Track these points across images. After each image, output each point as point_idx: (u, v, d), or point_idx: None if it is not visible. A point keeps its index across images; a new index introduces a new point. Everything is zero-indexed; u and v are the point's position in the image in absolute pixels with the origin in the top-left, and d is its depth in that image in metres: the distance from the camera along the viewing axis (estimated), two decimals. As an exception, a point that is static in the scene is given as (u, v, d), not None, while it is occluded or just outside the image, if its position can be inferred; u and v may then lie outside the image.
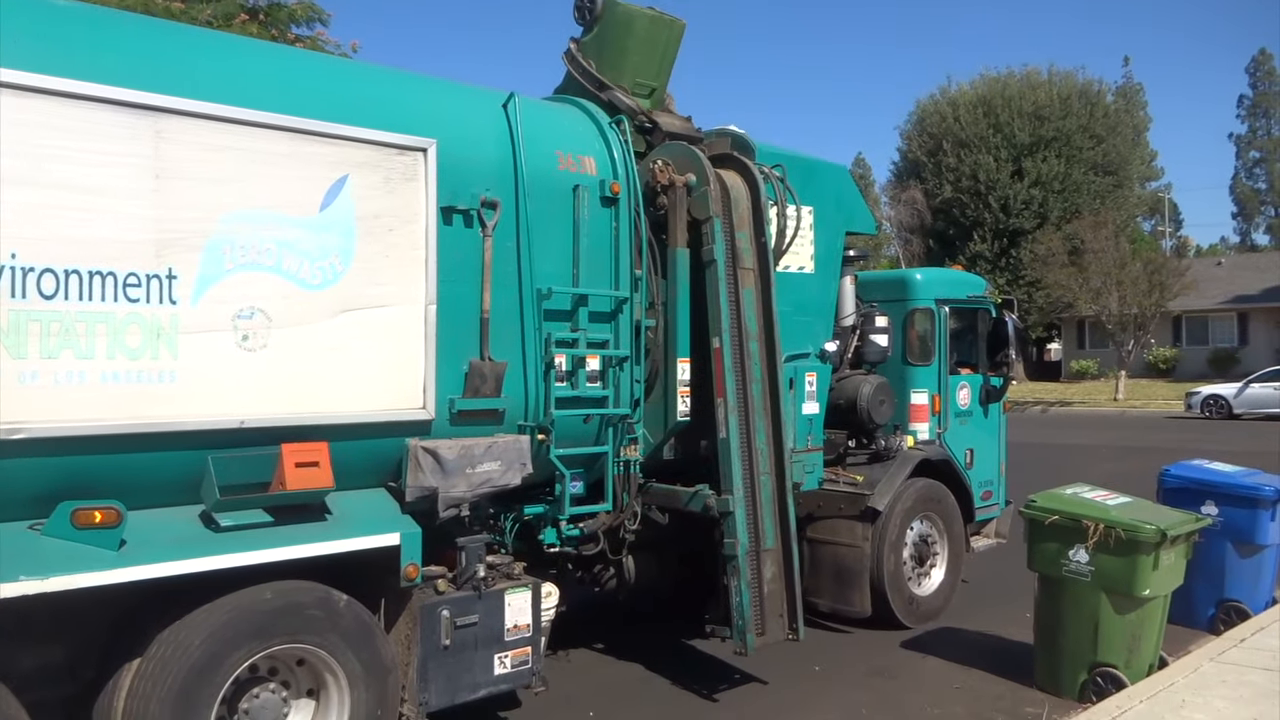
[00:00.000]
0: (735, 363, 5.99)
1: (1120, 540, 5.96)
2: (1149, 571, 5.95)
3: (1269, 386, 29.34)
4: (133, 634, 4.18)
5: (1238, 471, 7.81)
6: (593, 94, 6.29)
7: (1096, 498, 6.41)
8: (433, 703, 4.86)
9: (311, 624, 4.43)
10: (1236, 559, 7.51)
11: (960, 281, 8.72)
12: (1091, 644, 6.09)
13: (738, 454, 5.85)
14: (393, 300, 4.83)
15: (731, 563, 5.77)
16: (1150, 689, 5.81)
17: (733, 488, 5.79)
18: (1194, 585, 7.11)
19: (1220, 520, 7.34)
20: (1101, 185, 44.61)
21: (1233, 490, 7.50)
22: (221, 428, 4.27)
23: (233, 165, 4.34)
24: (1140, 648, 6.14)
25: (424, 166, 4.93)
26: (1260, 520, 7.40)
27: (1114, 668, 6.05)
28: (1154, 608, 6.17)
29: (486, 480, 5.03)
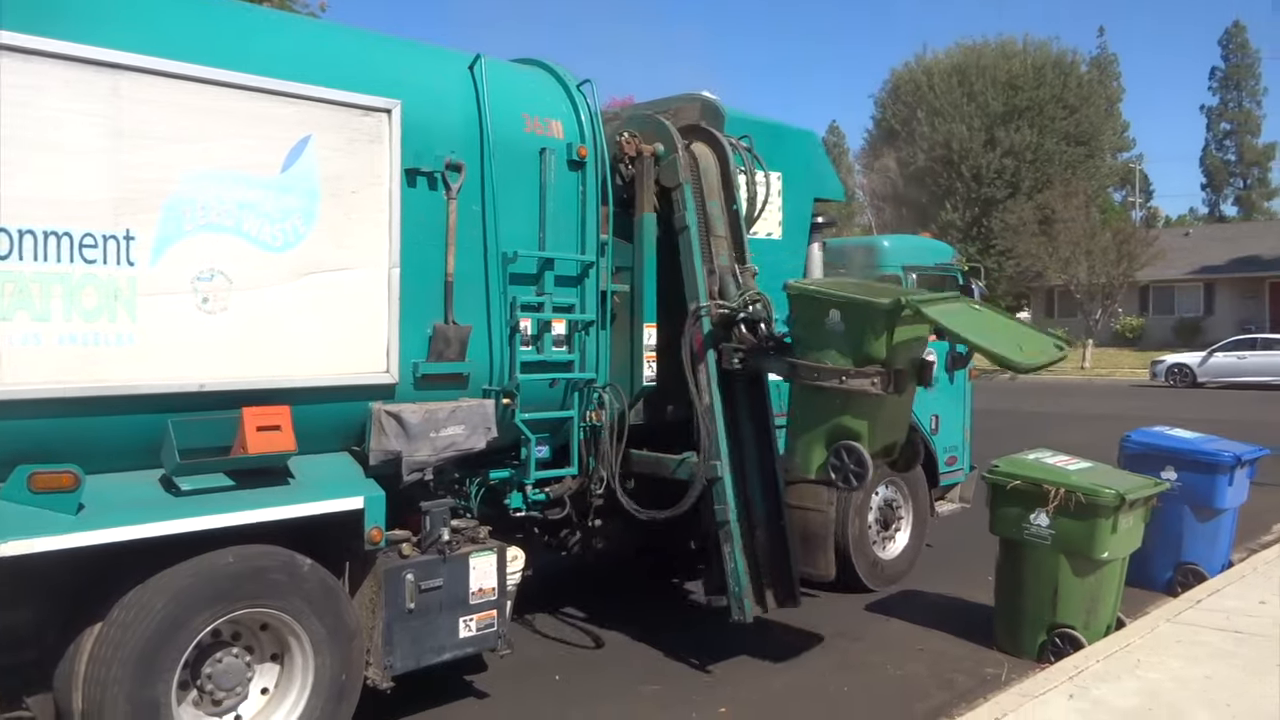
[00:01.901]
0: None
1: (1080, 504, 6.05)
2: (1108, 534, 6.05)
3: (1231, 356, 29.86)
4: (93, 598, 4.15)
5: (1197, 438, 7.94)
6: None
7: (1058, 463, 6.50)
8: (398, 666, 4.87)
9: (275, 588, 4.42)
10: (1194, 523, 7.65)
11: (928, 249, 8.75)
12: (1051, 606, 6.20)
13: (722, 420, 5.85)
14: (356, 263, 4.79)
15: (723, 529, 5.78)
16: (1107, 649, 5.93)
17: (720, 454, 5.79)
18: (1152, 548, 7.21)
19: (1179, 485, 7.46)
20: (1073, 155, 44.89)
21: (1192, 456, 7.62)
22: (181, 391, 4.23)
23: (192, 124, 4.26)
24: (1098, 609, 6.26)
25: (388, 128, 4.87)
26: (1218, 485, 7.54)
27: (1072, 629, 6.16)
28: (1112, 570, 6.28)
29: (451, 444, 5.02)
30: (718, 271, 6.01)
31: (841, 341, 5.23)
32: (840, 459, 5.28)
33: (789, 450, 5.64)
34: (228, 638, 4.49)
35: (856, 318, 5.19)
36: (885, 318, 5.07)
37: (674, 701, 5.59)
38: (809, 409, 5.45)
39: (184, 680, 4.30)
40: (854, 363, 5.17)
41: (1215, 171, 67.56)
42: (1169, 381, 30.46)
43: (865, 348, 5.15)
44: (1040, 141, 44.27)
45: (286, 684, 4.60)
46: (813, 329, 5.37)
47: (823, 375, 5.24)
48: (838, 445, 5.29)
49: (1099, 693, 5.23)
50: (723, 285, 6.00)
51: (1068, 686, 5.30)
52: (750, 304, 5.82)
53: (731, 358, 5.83)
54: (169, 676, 4.13)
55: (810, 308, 5.38)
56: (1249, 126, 66.27)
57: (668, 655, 6.26)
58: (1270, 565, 7.89)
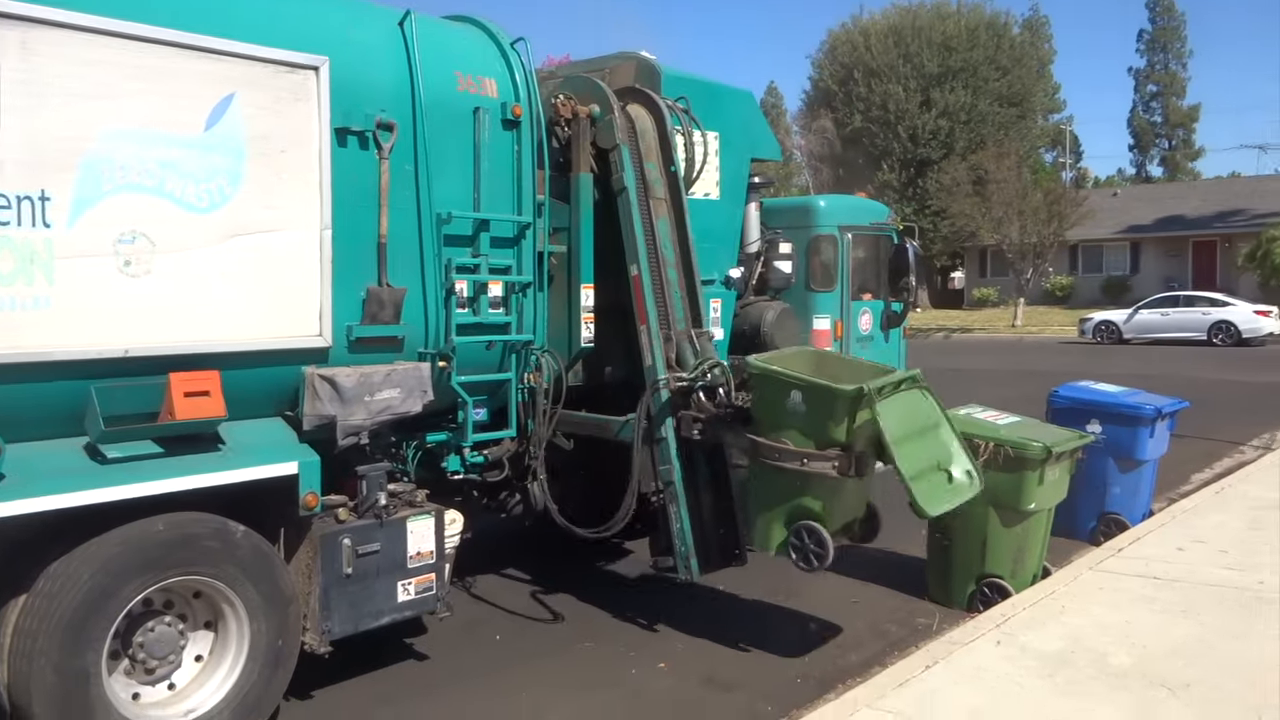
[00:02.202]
0: (655, 290, 6.00)
1: (1009, 457, 6.18)
2: (1035, 487, 6.21)
3: (1156, 313, 30.71)
4: (17, 571, 4.04)
5: (1121, 392, 8.18)
6: None
7: (987, 417, 6.64)
8: (336, 630, 4.84)
9: (207, 555, 4.36)
10: (1117, 474, 7.89)
11: (863, 208, 8.84)
12: (980, 557, 6.37)
13: (665, 381, 5.87)
14: (285, 225, 4.68)
15: (669, 489, 5.80)
16: (1033, 597, 6.10)
17: (663, 415, 5.81)
18: (1077, 499, 7.44)
19: (1103, 438, 7.67)
20: (1006, 116, 45.49)
21: (1116, 409, 7.85)
22: (104, 357, 4.11)
23: (109, 80, 4.11)
24: (1025, 559, 6.44)
25: (316, 86, 4.74)
26: (1140, 437, 7.78)
27: (1000, 578, 6.33)
28: (1038, 521, 6.46)
29: (386, 408, 4.97)
30: (674, 339, 5.94)
31: (803, 422, 5.16)
32: (800, 539, 5.24)
33: (748, 522, 5.56)
34: (159, 606, 4.42)
35: (818, 401, 5.12)
36: (848, 404, 5.02)
37: (613, 658, 5.66)
38: (769, 487, 5.39)
39: (115, 650, 4.24)
40: (815, 444, 5.10)
41: (1142, 133, 68.86)
42: (1096, 338, 31.21)
43: (827, 431, 5.09)
44: (974, 102, 44.78)
45: (221, 651, 4.55)
46: (774, 408, 5.30)
47: (784, 456, 5.16)
48: (798, 526, 5.26)
49: (1025, 639, 5.38)
50: (679, 352, 5.94)
51: (995, 634, 5.45)
52: (708, 371, 5.78)
53: (691, 428, 5.73)
54: (99, 646, 4.06)
55: (772, 387, 5.29)
56: (1175, 89, 67.51)
57: (608, 614, 6.31)
58: (1188, 514, 8.17)
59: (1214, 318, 29.32)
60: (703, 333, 6.06)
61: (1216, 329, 29.09)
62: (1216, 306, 29.87)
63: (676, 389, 5.76)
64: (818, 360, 5.85)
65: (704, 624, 6.11)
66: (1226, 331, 28.89)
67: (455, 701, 5.13)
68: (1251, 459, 11.20)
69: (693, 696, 5.20)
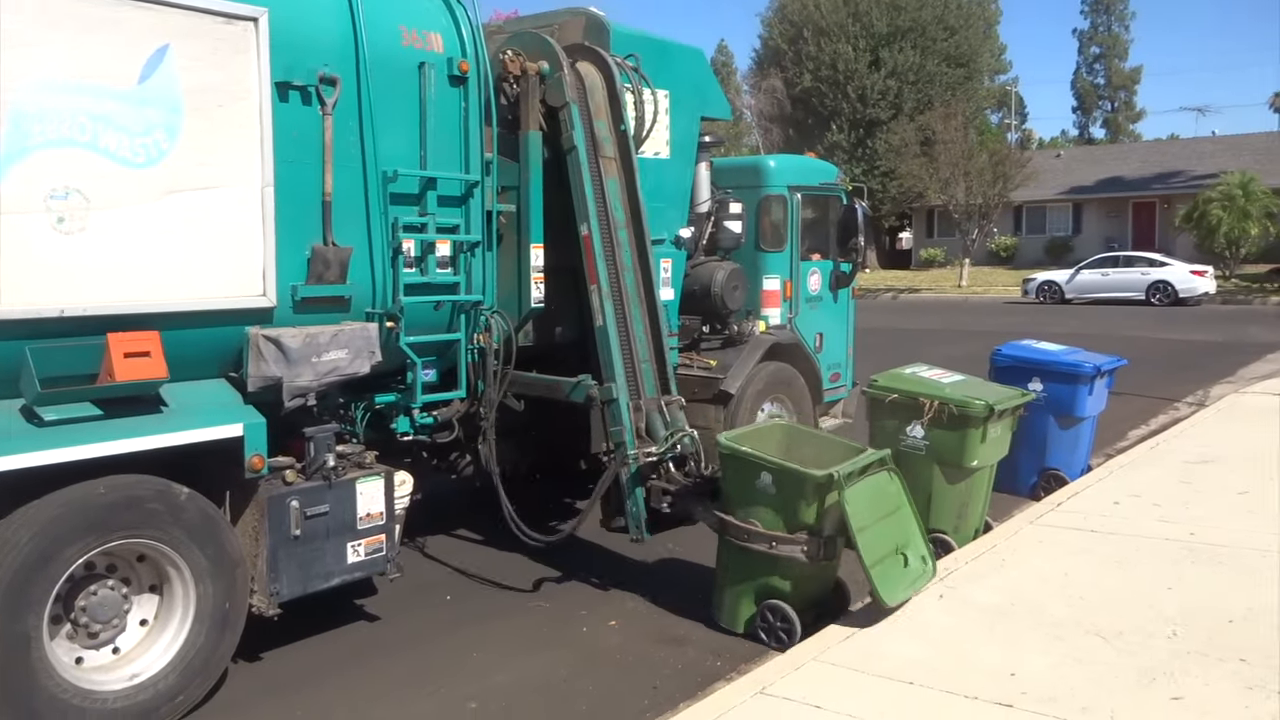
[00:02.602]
0: (606, 250, 5.96)
1: (953, 415, 6.27)
2: (978, 444, 6.30)
3: (1096, 273, 31.17)
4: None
5: (1061, 350, 8.29)
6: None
7: (932, 376, 6.70)
8: (284, 592, 4.80)
9: (152, 518, 4.29)
10: (1058, 430, 8.02)
11: (813, 169, 8.84)
12: (925, 512, 6.39)
13: (616, 342, 5.85)
14: (225, 181, 4.57)
15: (619, 450, 5.79)
16: (975, 551, 6.23)
17: (615, 375, 5.79)
18: (1019, 455, 7.51)
19: (1044, 395, 7.78)
20: (953, 77, 45.63)
21: (1056, 368, 7.97)
22: (38, 317, 4.01)
23: (33, 29, 3.97)
24: (968, 514, 6.56)
25: (255, 37, 4.62)
26: (1079, 394, 7.91)
27: (944, 533, 6.42)
28: (981, 477, 6.58)
29: (333, 369, 4.91)
30: (644, 409, 5.88)
31: (773, 503, 5.17)
32: (768, 620, 5.23)
33: (717, 598, 5.52)
34: (102, 570, 4.36)
35: (788, 484, 5.11)
36: (817, 490, 5.03)
37: (565, 616, 5.70)
38: (738, 565, 5.36)
39: (56, 614, 4.18)
40: (785, 526, 5.11)
41: (1085, 94, 69.73)
42: (1039, 298, 31.61)
43: (797, 514, 5.09)
44: (922, 63, 44.85)
45: (166, 615, 4.50)
46: (744, 488, 5.28)
47: (753, 538, 5.16)
48: (764, 605, 5.25)
49: (966, 592, 5.50)
50: (649, 422, 5.89)
51: (938, 588, 5.55)
52: (678, 443, 5.78)
53: (660, 500, 5.74)
54: (39, 610, 4.00)
55: (742, 468, 5.27)
56: (1117, 50, 68.37)
57: (560, 574, 6.33)
58: (1124, 469, 8.37)
59: (1152, 278, 29.80)
60: (673, 400, 6.03)
61: (1154, 289, 29.56)
62: (1155, 267, 30.35)
63: (646, 461, 5.73)
64: (788, 437, 5.84)
65: (656, 584, 6.15)
66: (1164, 291, 29.37)
67: (406, 662, 5.13)
68: (1185, 415, 11.49)
69: (643, 652, 5.23)
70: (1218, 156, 41.03)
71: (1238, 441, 9.42)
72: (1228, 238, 32.66)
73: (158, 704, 4.36)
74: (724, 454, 5.34)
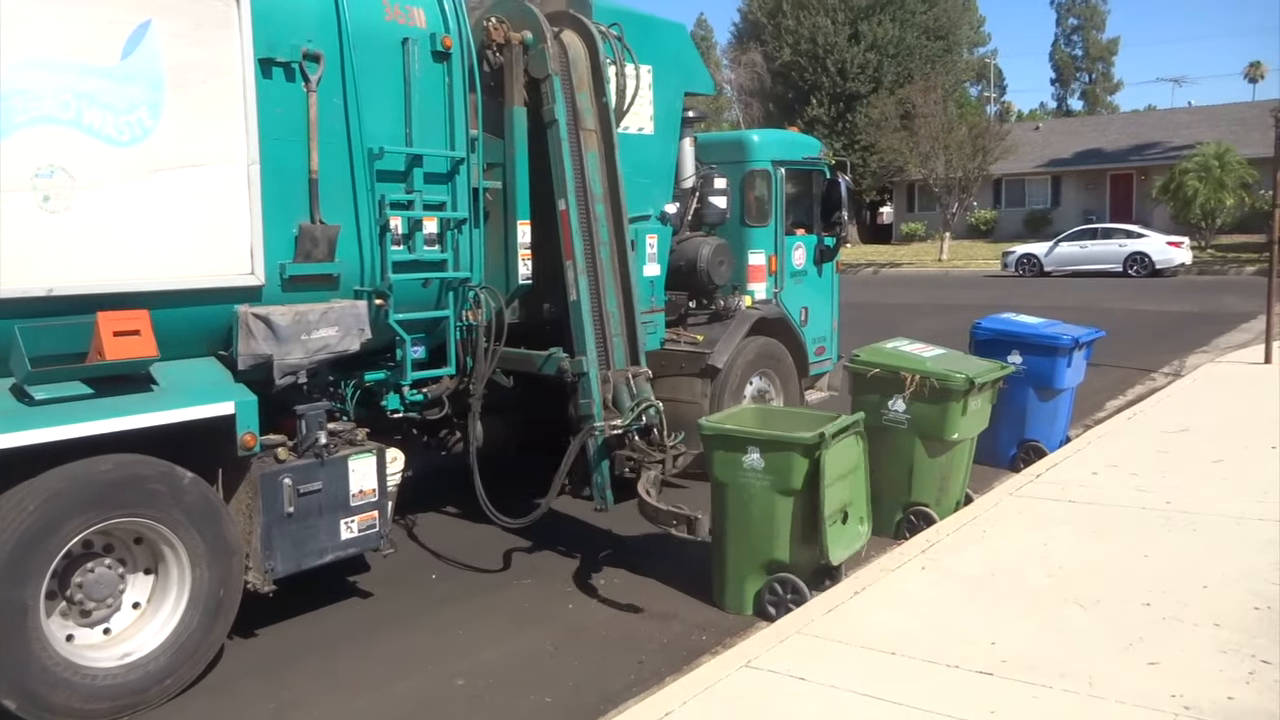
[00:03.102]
0: (583, 224, 5.97)
1: (934, 389, 6.34)
2: (959, 417, 6.38)
3: (1074, 245, 31.33)
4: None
5: (1040, 323, 8.37)
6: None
7: (913, 350, 6.77)
8: (279, 569, 4.83)
9: (153, 499, 4.32)
10: (1037, 403, 8.12)
11: (796, 143, 8.85)
12: (907, 486, 6.54)
13: (589, 316, 5.89)
14: (210, 159, 4.56)
15: (587, 423, 5.84)
16: (956, 523, 6.30)
17: (586, 349, 5.84)
18: (999, 428, 7.65)
19: (1024, 368, 7.86)
20: (932, 50, 45.64)
21: (1035, 340, 8.05)
22: (26, 296, 4.00)
23: (13, 5, 3.93)
24: (949, 487, 6.63)
25: (236, 13, 4.60)
26: (1058, 367, 8.01)
27: (926, 506, 6.51)
28: (962, 450, 6.64)
29: (324, 346, 4.91)
30: (612, 380, 5.94)
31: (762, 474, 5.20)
32: (777, 593, 5.24)
33: (718, 582, 5.48)
34: (99, 549, 4.37)
35: (777, 454, 5.15)
36: (805, 452, 5.08)
37: (551, 593, 5.74)
38: (739, 542, 5.34)
39: (51, 590, 4.18)
40: (775, 492, 5.15)
41: (1064, 66, 69.97)
42: (1019, 271, 31.79)
43: (788, 479, 5.13)
44: (902, 36, 44.82)
45: (161, 598, 4.53)
46: (732, 466, 5.29)
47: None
48: (774, 579, 5.26)
49: (948, 563, 5.57)
50: (617, 395, 5.95)
51: (921, 560, 5.63)
52: (643, 414, 5.85)
53: (624, 466, 5.82)
54: (39, 580, 4.03)
55: (728, 446, 5.28)
56: (1095, 22, 68.62)
57: (547, 551, 6.38)
58: (1102, 439, 8.48)
59: (1129, 249, 29.97)
60: (640, 372, 6.09)
61: (1132, 260, 29.77)
62: (1132, 239, 30.53)
63: (612, 434, 5.81)
64: (762, 416, 5.90)
65: (642, 560, 6.19)
66: (1141, 263, 29.58)
67: (393, 640, 5.14)
68: (1161, 385, 11.62)
69: (629, 628, 5.27)
70: (1194, 127, 41.31)
71: (1213, 411, 9.54)
72: (1203, 209, 32.89)
73: (147, 685, 4.38)
74: (708, 435, 5.34)
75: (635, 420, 5.85)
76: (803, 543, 5.28)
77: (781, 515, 5.22)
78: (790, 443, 5.15)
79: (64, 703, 4.11)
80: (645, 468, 5.82)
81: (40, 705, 4.05)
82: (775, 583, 5.29)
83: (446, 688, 4.64)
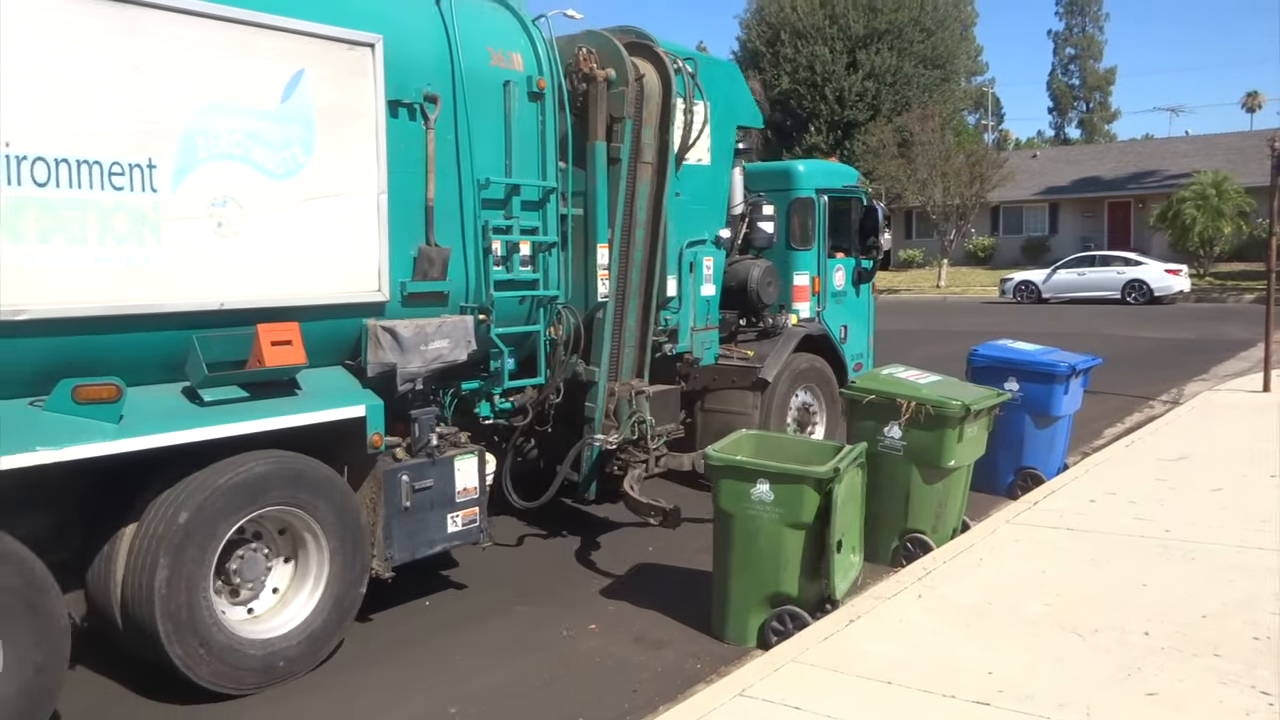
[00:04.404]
0: (621, 249, 6.63)
1: (930, 416, 6.33)
2: (955, 444, 6.38)
3: (1072, 272, 31.68)
4: (124, 502, 4.55)
5: (1037, 350, 8.40)
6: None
7: (909, 377, 6.77)
8: (396, 557, 5.37)
9: (303, 491, 4.89)
10: (1034, 430, 8.12)
11: (837, 173, 9.50)
12: (903, 513, 6.52)
13: (609, 331, 6.65)
14: (349, 190, 5.14)
15: (589, 424, 6.61)
16: (953, 551, 6.26)
17: (600, 360, 6.58)
18: (996, 455, 7.63)
19: (1021, 395, 7.91)
20: (930, 78, 46.26)
21: (1032, 367, 8.07)
22: (204, 309, 4.58)
23: (200, 57, 4.52)
24: (946, 514, 6.62)
25: (372, 61, 5.18)
26: (1055, 394, 8.03)
27: (922, 533, 6.50)
28: (958, 477, 6.64)
29: (438, 356, 5.47)
30: (617, 394, 6.68)
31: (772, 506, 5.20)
32: (785, 625, 5.22)
33: (718, 614, 5.46)
34: (249, 536, 4.91)
35: (788, 486, 5.15)
36: (818, 486, 5.09)
37: (545, 620, 5.73)
38: (744, 572, 5.32)
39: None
40: (785, 525, 5.18)
41: (1061, 95, 70.79)
42: (1017, 298, 32.14)
43: (799, 512, 5.14)
44: (899, 64, 45.42)
45: (299, 583, 5.07)
46: (739, 498, 5.28)
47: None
48: (781, 611, 5.25)
49: (945, 591, 5.53)
50: (618, 407, 6.68)
51: (917, 587, 5.60)
52: (634, 426, 6.68)
53: (612, 466, 6.79)
54: (210, 560, 4.59)
55: (738, 477, 5.28)
56: (1092, 51, 69.47)
57: (542, 577, 6.44)
58: (1100, 467, 8.43)
59: (1128, 277, 30.32)
60: (641, 389, 6.80)
61: (1130, 288, 30.07)
62: (1130, 266, 30.88)
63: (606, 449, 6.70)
64: (759, 444, 5.92)
65: (635, 587, 6.21)
66: (1139, 290, 29.90)
67: (386, 668, 5.15)
68: (1160, 413, 11.55)
69: (623, 656, 5.24)
70: (1191, 156, 41.74)
71: (1212, 439, 9.48)
72: (1202, 237, 33.25)
73: (274, 663, 4.87)
74: (715, 465, 5.33)
75: (629, 434, 6.62)
76: (810, 576, 5.27)
77: (790, 548, 5.20)
78: (803, 475, 5.13)
79: (224, 671, 4.66)
80: (631, 467, 6.67)
81: (210, 671, 4.60)
82: (783, 615, 5.25)
83: (440, 716, 4.63)
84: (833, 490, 5.07)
